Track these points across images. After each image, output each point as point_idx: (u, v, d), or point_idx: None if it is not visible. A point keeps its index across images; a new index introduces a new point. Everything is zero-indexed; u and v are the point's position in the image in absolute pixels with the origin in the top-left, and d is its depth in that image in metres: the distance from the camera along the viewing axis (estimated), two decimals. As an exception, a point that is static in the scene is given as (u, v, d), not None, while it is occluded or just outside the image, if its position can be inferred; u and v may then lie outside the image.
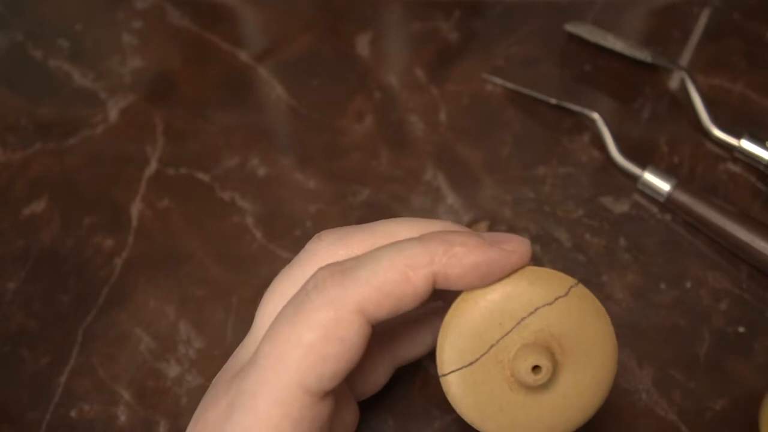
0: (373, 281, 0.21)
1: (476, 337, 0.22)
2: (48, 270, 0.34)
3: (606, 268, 0.33)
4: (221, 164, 0.37)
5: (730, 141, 0.36)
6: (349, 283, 0.21)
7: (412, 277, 0.21)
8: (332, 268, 0.21)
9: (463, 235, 0.21)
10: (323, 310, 0.21)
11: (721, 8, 0.42)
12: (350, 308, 0.20)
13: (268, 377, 0.21)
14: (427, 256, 0.21)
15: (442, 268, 0.21)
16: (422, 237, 0.22)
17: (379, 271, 0.21)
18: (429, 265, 0.21)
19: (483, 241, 0.21)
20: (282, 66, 0.41)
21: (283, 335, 0.21)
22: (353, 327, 0.21)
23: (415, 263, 0.21)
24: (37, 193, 0.36)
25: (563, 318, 0.22)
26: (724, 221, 0.32)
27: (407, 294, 0.21)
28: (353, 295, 0.21)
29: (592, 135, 0.37)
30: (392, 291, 0.21)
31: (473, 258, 0.21)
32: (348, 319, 0.20)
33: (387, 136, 0.37)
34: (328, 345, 0.20)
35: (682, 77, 0.38)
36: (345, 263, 0.22)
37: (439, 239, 0.21)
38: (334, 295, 0.21)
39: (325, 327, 0.20)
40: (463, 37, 0.41)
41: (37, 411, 0.30)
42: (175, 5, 0.44)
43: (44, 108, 0.39)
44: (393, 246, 0.21)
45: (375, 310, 0.21)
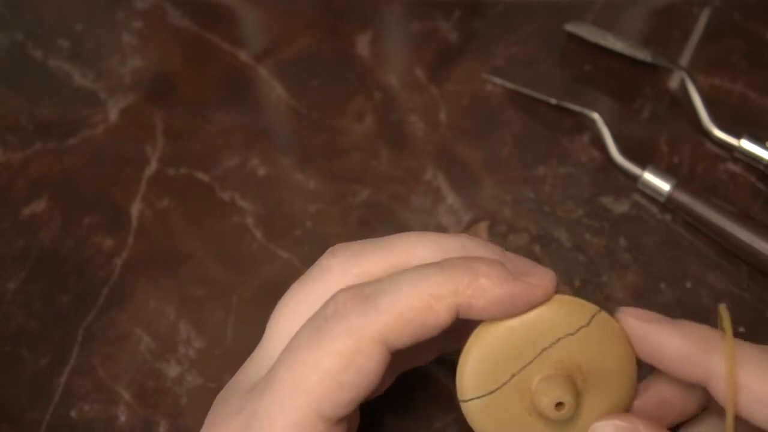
0: (395, 310, 0.20)
1: (498, 366, 0.21)
2: (48, 270, 0.34)
3: (606, 268, 0.33)
4: (221, 164, 0.37)
5: (730, 141, 0.36)
6: (370, 311, 0.20)
7: (435, 307, 0.20)
8: (353, 292, 0.21)
9: (488, 265, 0.21)
10: (343, 338, 0.20)
11: (721, 8, 0.42)
12: (371, 337, 0.20)
13: (284, 401, 0.20)
14: (451, 285, 0.20)
15: (466, 299, 0.20)
16: (445, 264, 0.21)
17: (401, 300, 0.20)
18: (453, 296, 0.20)
19: (509, 274, 0.21)
20: (282, 66, 0.41)
21: (301, 359, 0.21)
22: (373, 356, 0.20)
23: (438, 293, 0.20)
24: (37, 193, 0.36)
25: (585, 348, 0.22)
26: (724, 221, 0.32)
27: (429, 324, 0.20)
28: (374, 324, 0.20)
29: (592, 135, 0.37)
30: (414, 320, 0.20)
31: (498, 291, 0.21)
32: (368, 349, 0.20)
33: (387, 136, 0.37)
34: (347, 373, 0.20)
35: (682, 77, 0.38)
36: (365, 288, 0.21)
37: (464, 268, 0.21)
38: (355, 324, 0.20)
39: (344, 355, 0.20)
40: (463, 37, 0.41)
41: (37, 411, 0.30)
42: (175, 5, 0.44)
43: (44, 108, 0.39)
44: (415, 273, 0.21)
45: (396, 339, 0.20)
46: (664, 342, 0.21)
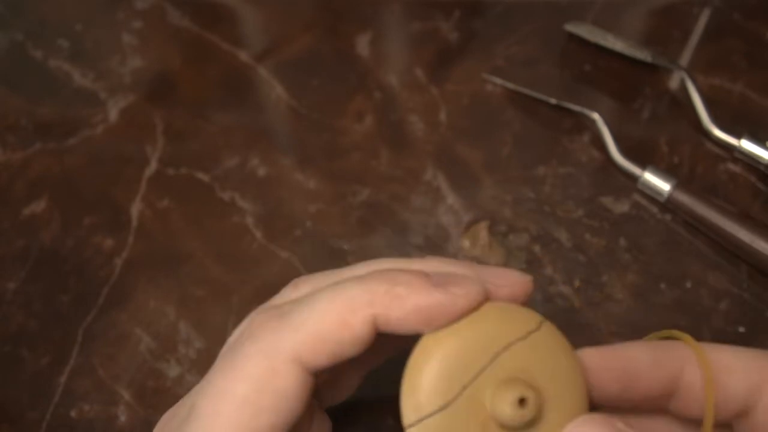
0: (309, 327, 0.19)
1: (446, 379, 0.19)
2: (48, 270, 0.34)
3: (606, 268, 0.33)
4: (221, 164, 0.37)
5: (730, 141, 0.36)
6: (283, 330, 0.19)
7: (350, 321, 0.19)
8: (268, 312, 0.20)
9: (409, 275, 0.20)
10: (256, 359, 0.19)
11: (721, 8, 0.42)
12: (285, 357, 0.19)
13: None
14: (366, 296, 0.19)
15: (383, 310, 0.19)
16: (365, 276, 0.20)
17: (314, 316, 0.19)
18: (368, 307, 0.19)
19: (428, 283, 0.20)
20: (282, 66, 0.41)
21: (216, 388, 0.20)
22: (289, 377, 0.19)
23: (353, 306, 0.19)
24: (37, 193, 0.36)
25: (538, 354, 0.20)
26: (724, 221, 0.32)
27: (345, 339, 0.19)
28: (287, 343, 0.19)
29: (592, 135, 0.37)
30: (329, 336, 0.19)
31: (415, 300, 0.19)
32: (283, 369, 0.19)
33: (387, 136, 0.37)
34: (263, 397, 0.19)
35: (682, 77, 0.38)
36: (282, 307, 0.20)
37: (381, 278, 0.20)
38: (268, 343, 0.19)
39: (258, 378, 0.19)
40: (463, 37, 0.41)
41: (37, 411, 0.30)
42: (175, 5, 0.44)
43: (44, 108, 0.39)
44: (333, 287, 0.20)
45: (312, 358, 0.19)
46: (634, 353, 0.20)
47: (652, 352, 0.20)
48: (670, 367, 0.20)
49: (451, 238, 0.34)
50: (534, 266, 0.33)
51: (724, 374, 0.20)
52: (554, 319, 0.31)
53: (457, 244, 0.34)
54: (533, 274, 0.33)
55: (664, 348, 0.21)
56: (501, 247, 0.34)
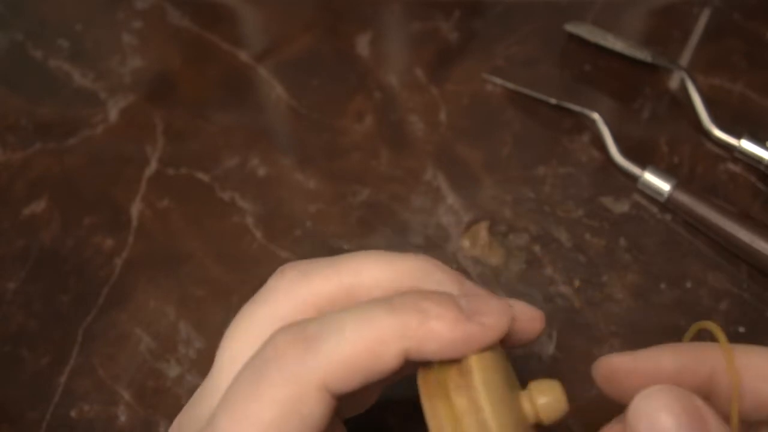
0: (339, 356, 0.19)
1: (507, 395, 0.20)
2: (48, 270, 0.34)
3: (606, 268, 0.33)
4: (221, 164, 0.37)
5: (730, 141, 0.36)
6: (311, 358, 0.19)
7: (382, 353, 0.19)
8: (292, 335, 0.20)
9: (439, 305, 0.20)
10: (283, 386, 0.19)
11: (721, 8, 0.42)
12: (313, 385, 0.19)
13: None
14: (398, 329, 0.19)
15: (416, 343, 0.19)
16: (394, 303, 0.20)
17: (344, 345, 0.19)
18: (400, 340, 0.19)
19: (461, 315, 0.20)
20: (282, 66, 0.41)
21: (240, 411, 0.19)
22: (316, 404, 0.19)
23: (385, 337, 0.19)
24: (37, 193, 0.36)
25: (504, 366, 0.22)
26: (724, 221, 0.32)
27: (376, 369, 0.19)
28: (315, 371, 0.19)
29: (592, 135, 0.37)
30: (358, 366, 0.19)
31: (450, 335, 0.19)
32: (311, 397, 0.19)
33: (387, 136, 0.37)
34: (289, 422, 0.19)
35: (682, 77, 0.38)
36: (307, 328, 0.20)
37: (413, 308, 0.19)
38: (296, 372, 0.19)
39: (285, 404, 0.19)
40: (463, 37, 0.41)
41: (37, 411, 0.30)
42: (175, 5, 0.44)
43: (44, 108, 0.39)
44: (360, 313, 0.20)
45: (340, 385, 0.19)
46: (661, 360, 0.21)
47: (680, 359, 0.20)
48: (697, 374, 0.20)
49: (451, 238, 0.34)
50: (534, 266, 0.33)
51: (756, 381, 0.20)
52: (554, 319, 0.31)
53: (457, 244, 0.34)
54: (533, 274, 0.33)
55: (694, 354, 0.20)
56: (501, 247, 0.34)
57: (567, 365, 0.30)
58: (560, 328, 0.31)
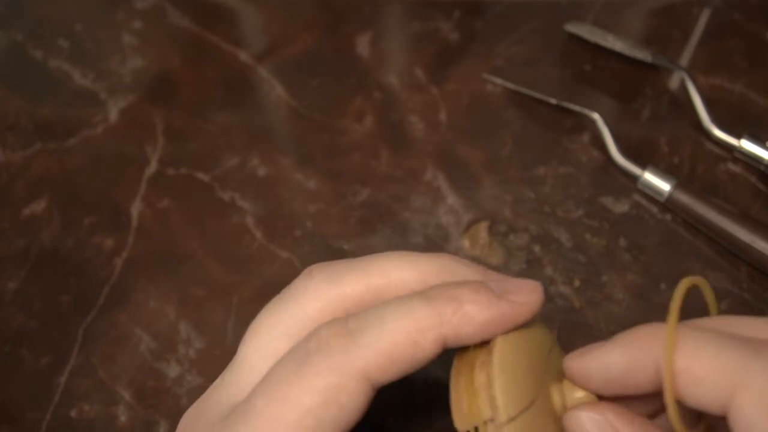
0: (380, 347, 0.20)
1: (529, 374, 0.21)
2: (48, 270, 0.34)
3: (606, 268, 0.33)
4: (221, 164, 0.37)
5: (730, 141, 0.36)
6: (354, 349, 0.20)
7: (421, 341, 0.20)
8: (336, 328, 0.21)
9: (472, 291, 0.21)
10: (326, 376, 0.20)
11: (721, 8, 0.42)
12: (355, 375, 0.20)
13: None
14: (435, 318, 0.20)
15: (452, 329, 0.20)
16: (428, 295, 0.21)
17: (385, 336, 0.20)
18: (438, 327, 0.20)
19: (493, 296, 0.21)
20: (282, 66, 0.41)
21: (280, 394, 0.20)
22: (356, 393, 0.20)
23: (423, 326, 0.20)
24: (37, 193, 0.36)
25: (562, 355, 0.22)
26: (724, 221, 0.32)
27: (416, 358, 0.20)
28: (358, 362, 0.20)
29: (592, 135, 0.37)
30: (399, 356, 0.20)
31: (485, 316, 0.20)
32: (352, 386, 0.20)
33: (387, 136, 0.37)
34: (327, 410, 0.20)
35: (682, 77, 0.38)
36: (349, 322, 0.21)
37: (447, 297, 0.20)
38: (339, 361, 0.20)
39: (326, 392, 0.20)
40: (463, 37, 0.41)
41: (37, 411, 0.30)
42: (175, 5, 0.44)
43: (44, 108, 0.39)
44: (398, 306, 0.21)
45: (381, 375, 0.20)
46: (610, 358, 0.21)
47: (626, 358, 0.20)
48: (646, 370, 0.20)
49: (451, 238, 0.34)
50: (534, 266, 0.33)
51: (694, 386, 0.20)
52: (554, 319, 0.31)
53: (457, 244, 0.34)
54: (533, 274, 0.33)
55: (642, 347, 0.21)
56: (501, 247, 0.34)
57: (567, 365, 0.30)
58: (560, 328, 0.31)
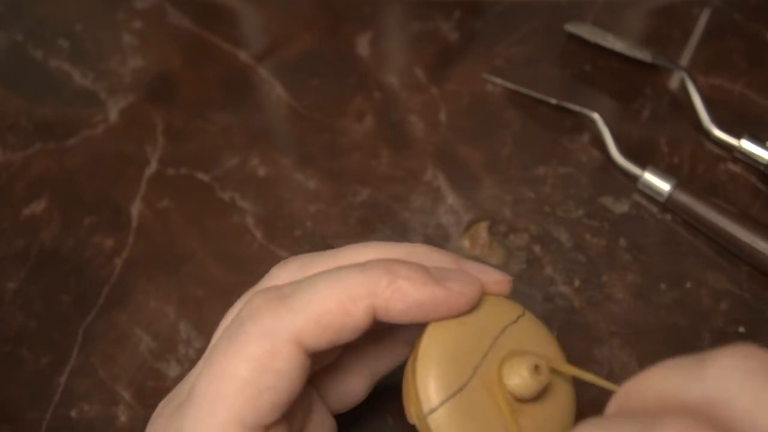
0: (310, 311, 0.20)
1: (459, 361, 0.20)
2: (48, 270, 0.34)
3: (606, 268, 0.33)
4: (221, 164, 0.37)
5: (730, 141, 0.36)
6: (285, 313, 0.20)
7: (351, 309, 0.20)
8: (269, 294, 0.21)
9: (409, 268, 0.20)
10: (258, 341, 0.20)
11: (721, 8, 0.42)
12: (286, 339, 0.20)
13: (205, 416, 0.20)
14: (368, 286, 0.20)
15: (383, 301, 0.20)
16: (366, 265, 0.21)
17: (316, 301, 0.20)
18: (370, 297, 0.20)
19: (430, 278, 0.20)
20: (282, 66, 0.41)
21: (218, 369, 0.20)
22: (289, 358, 0.20)
23: (355, 294, 0.20)
24: (37, 193, 0.36)
25: (527, 335, 0.22)
26: (724, 221, 0.32)
27: (346, 326, 0.20)
28: (289, 325, 0.20)
29: (592, 135, 0.37)
30: (330, 322, 0.20)
31: (417, 296, 0.20)
32: (285, 351, 0.20)
33: (387, 136, 0.37)
34: (264, 378, 0.20)
35: (682, 77, 0.38)
36: (283, 289, 0.21)
37: (383, 270, 0.20)
38: (269, 325, 0.20)
39: (260, 359, 0.20)
40: (463, 37, 0.41)
41: (37, 411, 0.30)
42: (175, 5, 0.44)
43: (44, 108, 0.39)
44: (333, 273, 0.21)
45: (312, 341, 0.20)
46: None
47: None
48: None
49: (451, 238, 0.34)
50: (534, 266, 0.33)
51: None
52: (554, 319, 0.31)
53: (457, 244, 0.34)
54: (533, 274, 0.33)
55: None
56: (501, 247, 0.34)
57: (567, 365, 0.30)
58: (560, 328, 0.31)
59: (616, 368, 0.30)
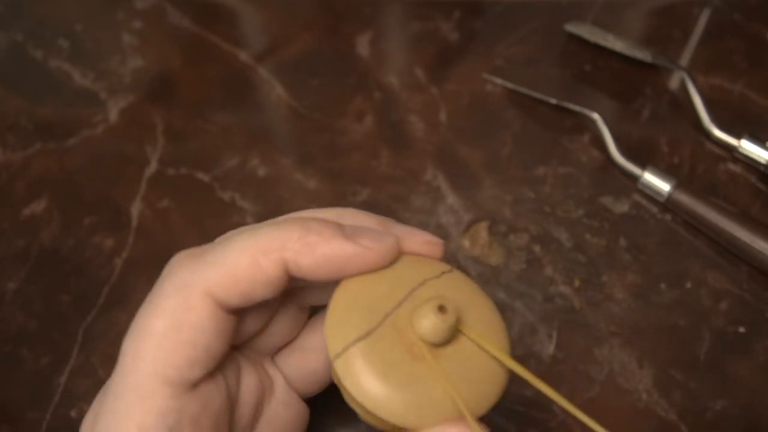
0: (222, 265, 0.20)
1: (368, 310, 0.20)
2: (48, 270, 0.34)
3: (606, 268, 0.33)
4: (221, 164, 0.37)
5: (730, 141, 0.36)
6: (199, 268, 0.20)
7: (262, 262, 0.20)
8: (186, 251, 0.21)
9: (322, 224, 0.21)
10: (173, 296, 0.20)
11: (721, 8, 0.42)
12: (199, 292, 0.20)
13: (127, 374, 0.20)
14: (279, 240, 0.20)
15: (293, 255, 0.20)
16: (279, 221, 0.21)
17: (228, 255, 0.20)
18: (280, 251, 0.20)
19: (340, 234, 0.20)
20: (282, 66, 0.41)
21: (138, 327, 0.20)
22: (203, 312, 0.20)
23: (266, 248, 0.20)
24: (37, 193, 0.36)
25: (451, 289, 0.22)
26: (724, 221, 0.32)
27: (258, 280, 0.20)
28: (201, 279, 0.20)
29: (592, 135, 0.37)
30: (241, 275, 0.20)
31: (326, 250, 0.20)
32: (197, 304, 0.20)
33: (387, 136, 0.37)
34: (180, 332, 0.20)
35: (682, 77, 0.38)
36: (202, 248, 0.21)
37: (297, 224, 0.21)
38: (184, 281, 0.20)
39: (174, 313, 0.20)
40: (463, 37, 0.41)
41: (37, 411, 0.30)
42: (175, 5, 0.44)
43: (44, 108, 0.39)
44: (249, 229, 0.21)
45: (225, 295, 0.20)
46: None
47: None
48: None
49: (451, 238, 0.34)
50: (534, 266, 0.33)
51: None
52: (554, 319, 0.31)
53: (457, 244, 0.34)
54: (533, 274, 0.33)
55: None
56: (501, 247, 0.34)
57: (567, 365, 0.30)
58: (560, 328, 0.31)
59: (616, 368, 0.30)
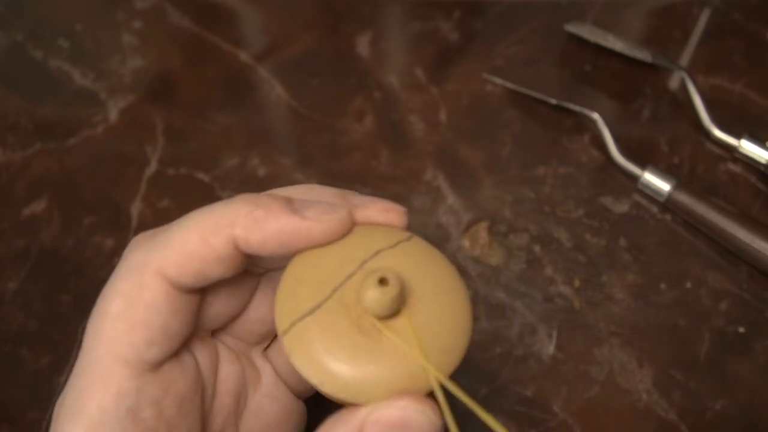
0: (174, 244, 0.20)
1: (315, 286, 0.20)
2: (48, 270, 0.34)
3: (606, 268, 0.33)
4: (221, 164, 0.37)
5: (730, 141, 0.36)
6: (151, 247, 0.20)
7: (211, 239, 0.20)
8: (144, 234, 0.21)
9: (271, 199, 0.21)
10: (127, 276, 0.20)
11: (721, 8, 0.42)
12: (152, 272, 0.20)
13: (87, 355, 0.20)
14: (228, 217, 0.20)
15: (242, 231, 0.20)
16: (231, 199, 0.21)
17: (180, 234, 0.20)
18: (228, 228, 0.20)
19: (287, 208, 0.20)
20: (282, 66, 0.41)
21: (97, 309, 0.21)
22: (156, 291, 0.20)
23: (216, 225, 0.20)
24: (37, 193, 0.36)
25: (407, 258, 0.21)
26: (724, 221, 0.32)
27: (209, 257, 0.20)
28: (154, 259, 0.20)
29: (592, 135, 0.37)
30: (193, 254, 0.20)
31: (273, 224, 0.20)
32: (150, 283, 0.20)
33: (387, 136, 0.37)
34: (135, 311, 0.20)
35: (682, 77, 0.38)
36: (158, 229, 0.21)
37: (246, 201, 0.21)
38: (138, 260, 0.20)
39: (129, 293, 0.20)
40: (463, 37, 0.41)
41: (37, 411, 0.30)
42: (175, 5, 0.44)
43: (44, 108, 0.39)
44: (202, 209, 0.21)
45: (177, 273, 0.20)
46: None
47: None
48: None
49: (451, 238, 0.34)
50: (534, 266, 0.33)
51: None
52: (554, 319, 0.31)
53: (457, 244, 0.34)
54: (533, 274, 0.33)
55: None
56: (501, 247, 0.34)
57: (567, 365, 0.30)
58: (560, 328, 0.31)
59: (616, 368, 0.30)
